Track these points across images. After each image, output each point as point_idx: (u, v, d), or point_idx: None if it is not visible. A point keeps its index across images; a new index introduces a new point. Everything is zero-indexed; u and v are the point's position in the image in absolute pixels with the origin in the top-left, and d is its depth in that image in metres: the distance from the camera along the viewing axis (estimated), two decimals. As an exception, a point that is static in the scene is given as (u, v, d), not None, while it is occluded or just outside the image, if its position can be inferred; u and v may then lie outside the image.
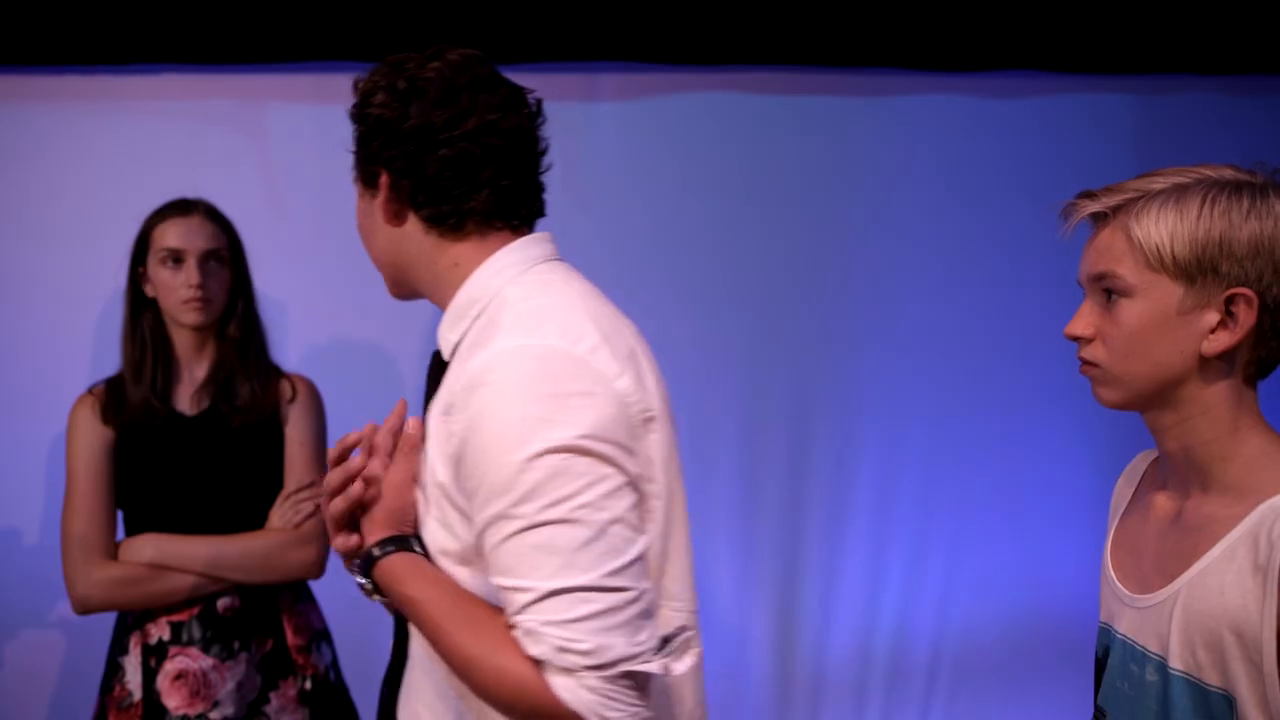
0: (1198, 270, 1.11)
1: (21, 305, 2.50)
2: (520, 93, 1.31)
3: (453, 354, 1.27)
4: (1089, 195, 1.20)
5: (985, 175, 2.92)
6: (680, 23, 2.66)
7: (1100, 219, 1.19)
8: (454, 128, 1.24)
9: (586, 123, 2.70)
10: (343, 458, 1.31)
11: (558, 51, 2.62)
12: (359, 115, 1.30)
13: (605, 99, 2.72)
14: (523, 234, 1.31)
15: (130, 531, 2.02)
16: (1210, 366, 1.14)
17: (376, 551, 1.23)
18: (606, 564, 1.11)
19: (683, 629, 1.22)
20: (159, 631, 1.98)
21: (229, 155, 2.58)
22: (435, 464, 1.21)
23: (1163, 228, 1.12)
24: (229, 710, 1.96)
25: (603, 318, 1.24)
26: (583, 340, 1.18)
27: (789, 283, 2.85)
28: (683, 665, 1.21)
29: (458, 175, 1.25)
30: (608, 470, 1.14)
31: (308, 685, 2.04)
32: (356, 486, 1.27)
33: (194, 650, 1.97)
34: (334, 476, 1.29)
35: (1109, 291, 1.17)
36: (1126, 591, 1.24)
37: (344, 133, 1.36)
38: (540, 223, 2.83)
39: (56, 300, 2.51)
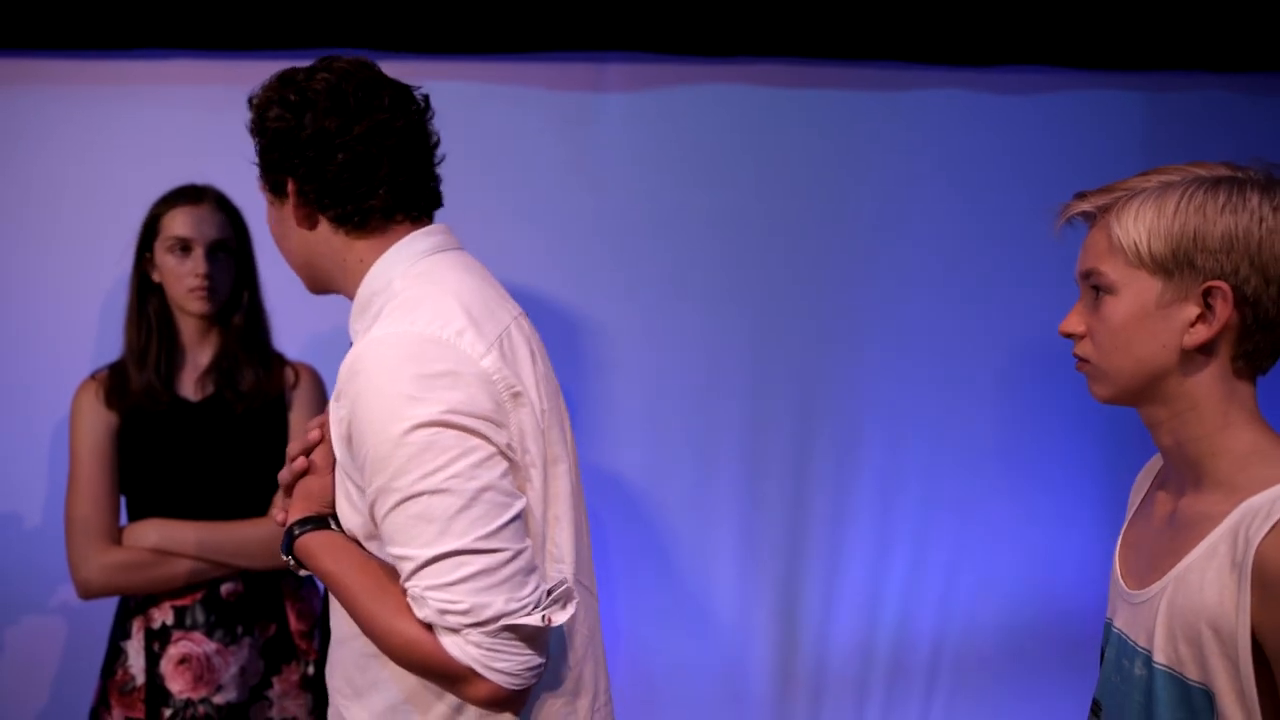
0: (1174, 264, 1.13)
1: (25, 291, 2.49)
2: (407, 91, 1.40)
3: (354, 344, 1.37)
4: (1081, 196, 1.23)
5: (990, 172, 2.91)
6: (688, 13, 2.65)
7: (1090, 218, 1.23)
8: (347, 132, 1.34)
9: (594, 113, 2.69)
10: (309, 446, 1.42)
11: (566, 41, 2.62)
12: (258, 129, 1.40)
13: (613, 89, 2.71)
14: (422, 224, 1.42)
15: (133, 517, 2.02)
16: (1194, 360, 1.16)
17: (296, 530, 1.35)
18: (480, 528, 1.21)
19: (562, 582, 1.30)
20: (162, 616, 1.98)
21: (236, 142, 2.57)
22: (336, 446, 1.32)
23: (1140, 224, 1.15)
24: (232, 695, 1.96)
25: (475, 303, 1.34)
26: (449, 325, 1.28)
27: (792, 276, 2.84)
28: (564, 615, 1.27)
29: (356, 176, 1.35)
30: (475, 442, 1.23)
31: (310, 670, 2.04)
32: (299, 463, 1.40)
33: (197, 635, 1.97)
34: (290, 454, 1.41)
35: (1097, 289, 1.20)
36: (1125, 587, 1.26)
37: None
38: (548, 211, 2.83)
39: (60, 286, 2.50)
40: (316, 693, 2.04)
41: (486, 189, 2.69)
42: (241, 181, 2.26)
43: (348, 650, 1.37)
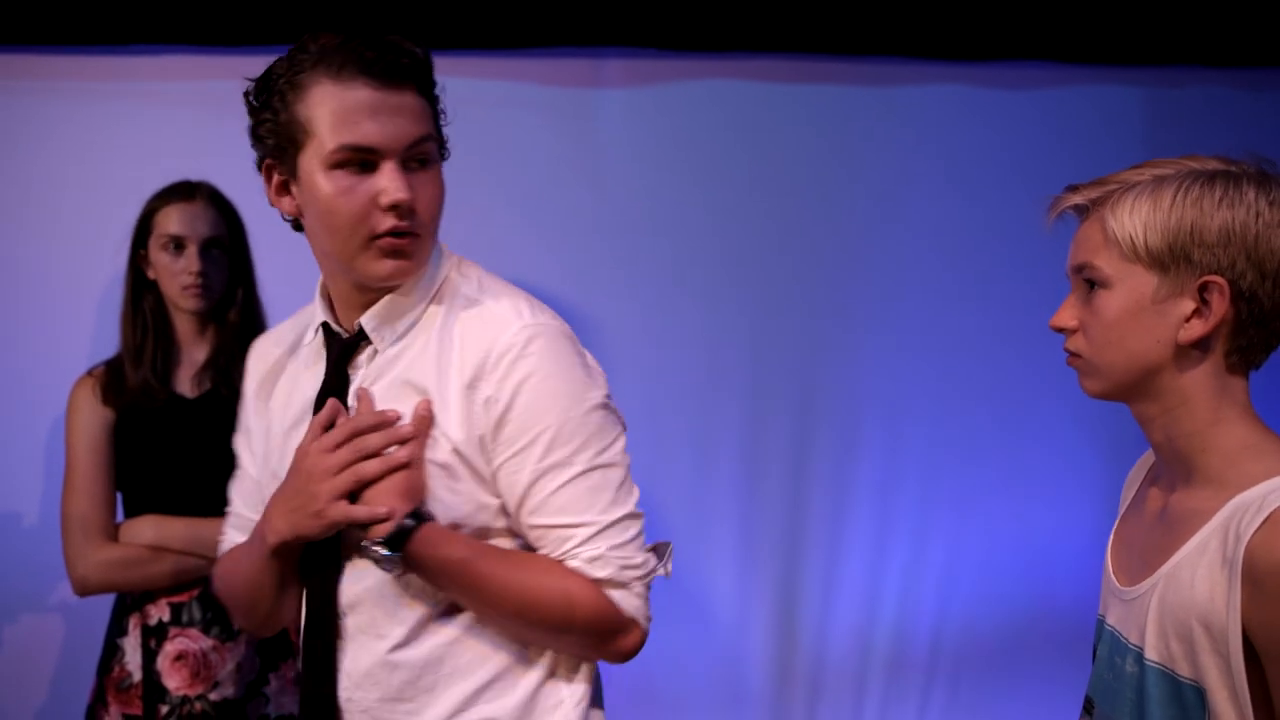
0: (1170, 259, 1.12)
1: (21, 287, 2.49)
2: None
3: (401, 336, 1.38)
4: (1072, 189, 1.22)
5: (989, 167, 2.91)
6: (685, 9, 2.65)
7: (1082, 211, 1.21)
8: None
9: (592, 108, 2.69)
10: (330, 423, 1.36)
11: (564, 36, 2.61)
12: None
13: (611, 85, 2.71)
14: None
15: (130, 513, 2.01)
16: (1188, 356, 1.14)
17: (410, 522, 1.29)
18: (634, 496, 1.37)
19: (665, 541, 1.45)
20: (159, 613, 1.98)
21: (234, 138, 2.56)
22: (452, 435, 1.32)
23: (1136, 218, 1.13)
24: (229, 691, 1.96)
25: None
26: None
27: (790, 272, 2.84)
28: (670, 568, 1.43)
29: None
30: (619, 424, 1.39)
31: (307, 668, 2.04)
32: (398, 456, 1.31)
33: (194, 631, 1.97)
34: (371, 441, 1.32)
35: (1090, 283, 1.18)
36: (1117, 584, 1.25)
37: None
38: (545, 207, 2.82)
39: (56, 282, 2.49)
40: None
41: (483, 186, 2.68)
42: (240, 177, 2.27)
43: (398, 666, 1.34)
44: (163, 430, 2.00)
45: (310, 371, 1.44)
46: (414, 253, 1.33)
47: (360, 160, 1.28)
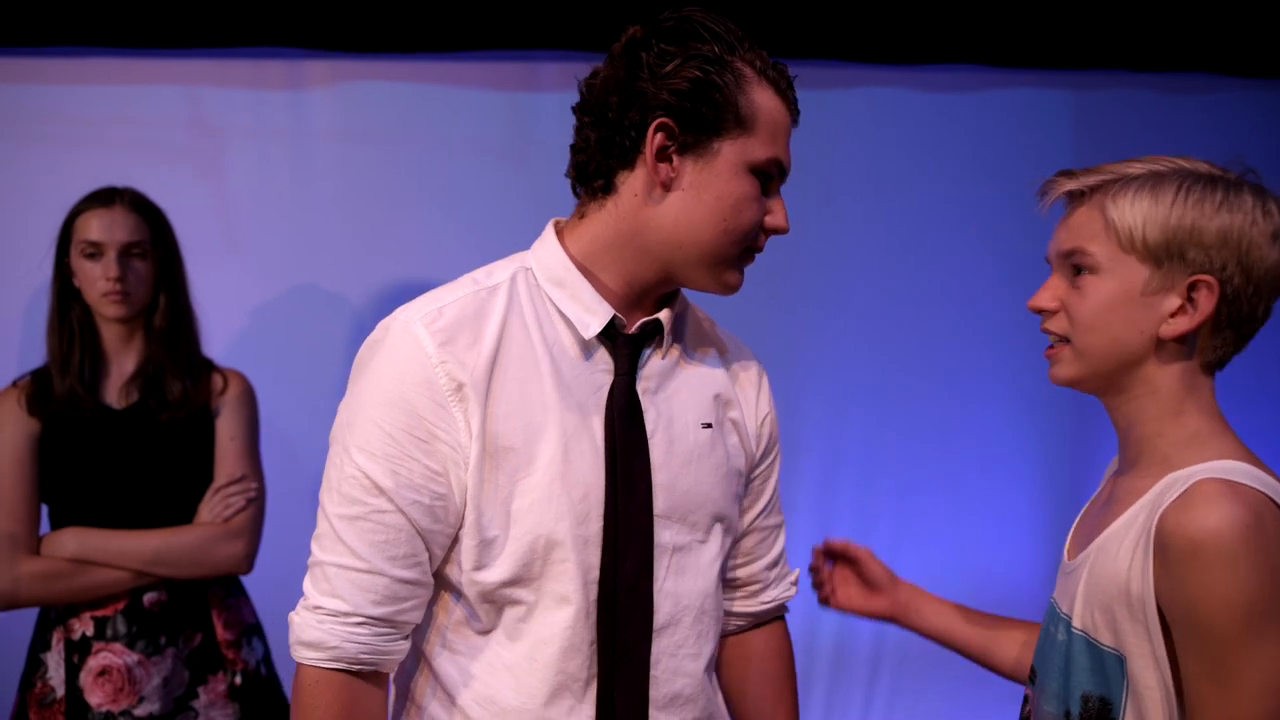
0: (1166, 255, 1.15)
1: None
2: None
3: (676, 340, 1.36)
4: (1067, 174, 1.23)
5: (928, 166, 2.95)
6: (624, 15, 2.65)
7: (1076, 198, 1.22)
8: None
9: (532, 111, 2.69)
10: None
11: (501, 40, 2.61)
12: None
13: (549, 89, 2.71)
14: None
15: (55, 526, 1.98)
16: (1166, 350, 1.17)
17: None
18: None
19: None
20: (82, 627, 1.94)
21: (161, 142, 2.54)
22: (749, 446, 1.42)
23: (1137, 210, 1.15)
24: (154, 706, 1.93)
25: None
26: None
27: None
28: None
29: None
30: None
31: (238, 680, 2.01)
32: None
33: (118, 646, 1.93)
34: None
35: (1078, 268, 1.20)
36: (1065, 559, 1.29)
37: (281, 118, 1.33)
38: (496, 214, 2.79)
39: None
40: (244, 703, 2.01)
41: (422, 189, 2.68)
42: (170, 182, 2.24)
43: (708, 623, 1.37)
44: (89, 442, 1.96)
45: (561, 365, 1.26)
46: None
47: (768, 177, 1.27)
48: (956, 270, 2.97)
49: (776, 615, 1.52)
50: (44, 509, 1.99)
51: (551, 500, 1.21)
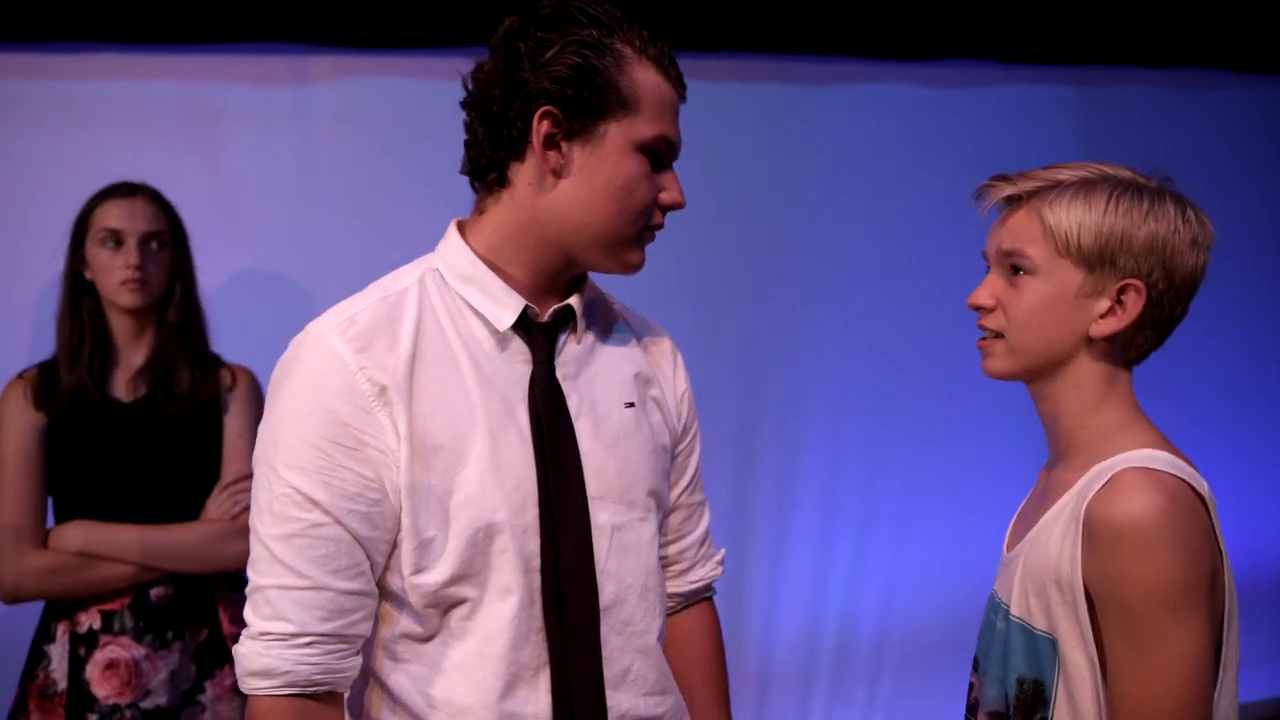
0: (1098, 260, 1.23)
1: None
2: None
3: (590, 325, 1.37)
4: (1004, 179, 1.30)
5: (932, 161, 2.95)
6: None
7: (1014, 201, 1.29)
8: None
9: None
10: None
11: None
12: None
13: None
14: None
15: (60, 520, 1.98)
16: (1094, 347, 1.26)
17: None
18: None
19: None
20: (89, 620, 1.94)
21: (166, 138, 2.54)
22: (672, 424, 1.46)
23: (1073, 217, 1.23)
24: (161, 699, 1.93)
25: None
26: None
27: (736, 269, 2.85)
28: None
29: None
30: None
31: (245, 674, 2.01)
32: None
33: (125, 639, 1.94)
34: None
35: (1015, 268, 1.27)
36: (1005, 552, 1.37)
37: (284, 114, 1.33)
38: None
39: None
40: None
41: (426, 185, 2.67)
42: (176, 179, 2.24)
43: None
44: (97, 435, 1.96)
45: (479, 359, 1.26)
46: None
47: (659, 155, 1.28)
48: (958, 268, 2.96)
49: (704, 596, 1.55)
50: (50, 502, 2.00)
51: (485, 493, 1.21)
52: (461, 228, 1.33)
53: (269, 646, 1.17)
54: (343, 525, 1.18)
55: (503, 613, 1.23)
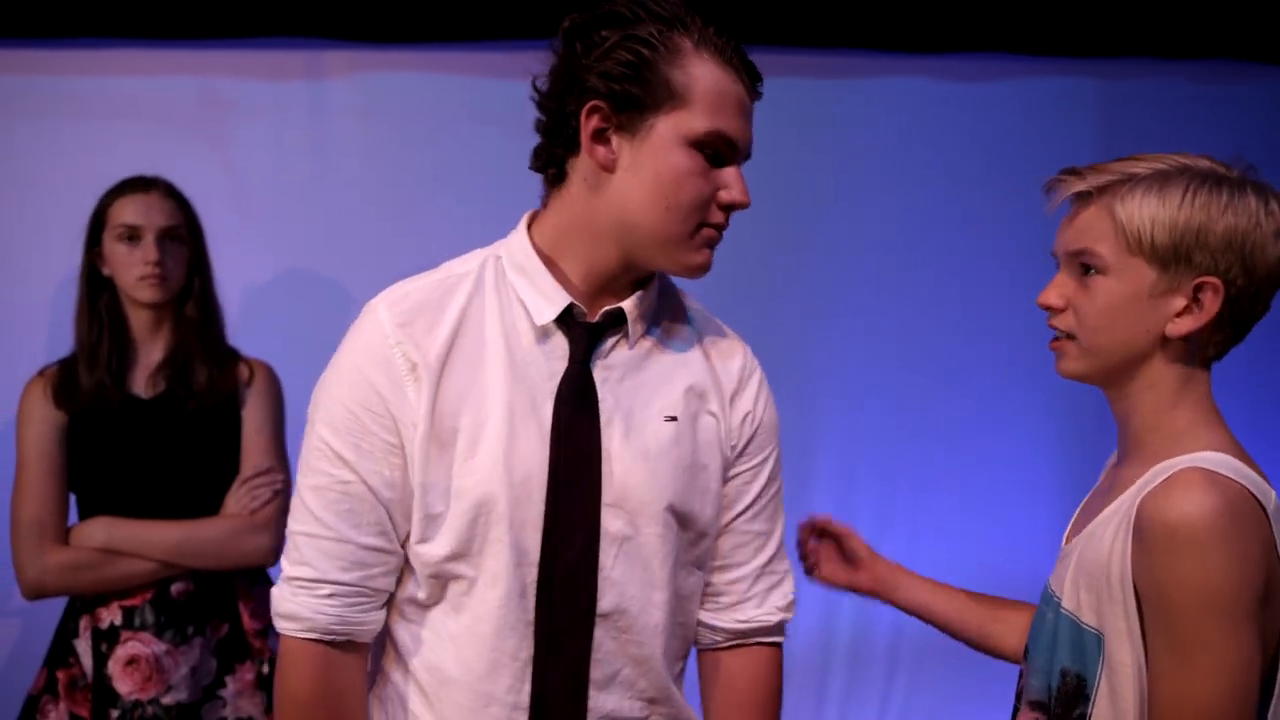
0: (1173, 257, 1.17)
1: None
2: None
3: (648, 330, 1.34)
4: (1074, 173, 1.24)
5: (949, 156, 2.93)
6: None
7: (1083, 197, 1.23)
8: None
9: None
10: None
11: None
12: None
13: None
14: None
15: (83, 516, 1.98)
16: (1170, 347, 1.21)
17: None
18: None
19: None
20: (110, 616, 1.94)
21: (181, 133, 2.53)
22: (723, 441, 1.38)
23: (1145, 213, 1.17)
24: (183, 695, 1.94)
25: None
26: None
27: (751, 260, 2.83)
28: None
29: None
30: None
31: (265, 669, 2.01)
32: None
33: (146, 635, 1.94)
34: None
35: (1086, 267, 1.22)
36: (1063, 545, 1.34)
37: (299, 109, 1.34)
38: (515, 204, 2.80)
39: (8, 283, 2.45)
40: (272, 692, 2.01)
41: (441, 179, 2.67)
42: (192, 173, 2.23)
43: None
44: (117, 432, 1.96)
45: (515, 351, 1.26)
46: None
47: (717, 151, 1.24)
48: (974, 266, 2.95)
49: (760, 640, 1.41)
50: (73, 500, 2.00)
51: (493, 480, 1.22)
52: (530, 219, 1.34)
53: (295, 592, 1.25)
54: (367, 485, 1.24)
55: (491, 599, 1.25)
